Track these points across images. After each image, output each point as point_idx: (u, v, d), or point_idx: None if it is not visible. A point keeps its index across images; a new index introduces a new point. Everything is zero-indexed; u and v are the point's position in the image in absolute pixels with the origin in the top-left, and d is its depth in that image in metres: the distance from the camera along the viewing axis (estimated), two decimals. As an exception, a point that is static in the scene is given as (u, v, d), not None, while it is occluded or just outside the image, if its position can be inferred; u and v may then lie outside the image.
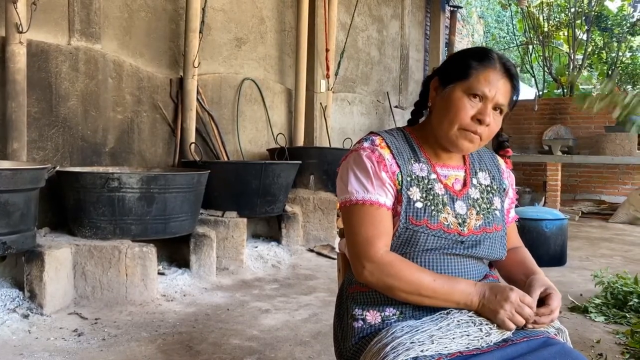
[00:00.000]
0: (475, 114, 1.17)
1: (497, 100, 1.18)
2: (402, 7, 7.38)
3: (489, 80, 1.17)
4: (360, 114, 6.52)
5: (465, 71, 1.18)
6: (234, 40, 4.72)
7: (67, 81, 3.30)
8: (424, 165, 1.25)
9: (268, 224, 4.39)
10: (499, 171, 1.37)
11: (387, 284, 1.14)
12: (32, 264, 2.61)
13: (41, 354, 2.20)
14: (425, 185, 1.22)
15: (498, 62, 1.19)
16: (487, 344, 1.09)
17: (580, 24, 9.36)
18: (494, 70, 1.18)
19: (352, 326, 1.22)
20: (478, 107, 1.17)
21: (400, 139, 1.27)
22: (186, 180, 3.17)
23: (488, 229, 1.26)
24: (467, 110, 1.17)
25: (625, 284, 2.97)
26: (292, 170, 4.07)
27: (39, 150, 3.17)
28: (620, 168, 7.63)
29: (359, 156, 1.21)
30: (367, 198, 1.18)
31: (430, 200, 1.21)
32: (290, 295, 3.16)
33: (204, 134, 4.29)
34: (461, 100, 1.18)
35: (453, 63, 1.24)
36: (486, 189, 1.31)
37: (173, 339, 2.42)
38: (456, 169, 1.30)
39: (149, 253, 2.91)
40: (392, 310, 1.19)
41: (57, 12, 3.31)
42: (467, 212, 1.25)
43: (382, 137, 1.25)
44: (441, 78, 1.24)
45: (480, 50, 1.23)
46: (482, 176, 1.33)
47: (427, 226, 1.19)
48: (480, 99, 1.17)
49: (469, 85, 1.17)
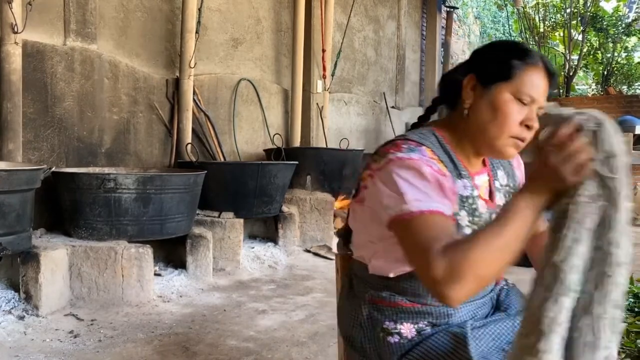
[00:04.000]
0: (524, 119, 1.07)
1: (541, 102, 1.08)
2: (399, 8, 7.39)
3: (535, 82, 1.07)
4: (356, 114, 6.52)
5: (508, 70, 1.07)
6: (230, 40, 4.71)
7: (62, 81, 3.29)
8: (467, 181, 1.12)
9: (265, 224, 4.39)
10: (511, 163, 1.29)
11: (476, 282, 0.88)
12: (28, 265, 2.60)
13: (37, 356, 2.19)
14: (470, 205, 1.11)
15: (540, 60, 1.09)
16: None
17: (575, 24, 9.40)
18: (537, 69, 1.08)
19: (388, 342, 1.12)
20: (526, 112, 1.07)
21: (438, 147, 1.11)
22: (182, 181, 3.16)
23: None
24: (516, 116, 1.07)
25: (621, 284, 2.98)
26: (289, 170, 4.07)
27: (35, 150, 3.16)
28: (615, 168, 7.66)
29: (416, 164, 1.02)
30: (434, 208, 0.97)
31: (476, 222, 1.11)
32: (287, 295, 3.16)
33: (200, 135, 4.29)
34: (510, 105, 1.07)
35: (492, 60, 1.11)
36: (506, 190, 1.23)
37: (169, 340, 2.41)
38: (483, 173, 1.19)
39: (145, 254, 2.90)
40: (426, 322, 1.13)
41: (52, 13, 3.30)
42: None
43: (431, 149, 1.07)
44: (479, 76, 1.11)
45: (519, 47, 1.11)
46: (501, 175, 1.24)
47: None
48: (527, 104, 1.07)
49: (516, 88, 1.06)
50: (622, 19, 9.57)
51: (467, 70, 1.14)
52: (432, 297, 1.00)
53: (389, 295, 1.14)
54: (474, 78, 1.11)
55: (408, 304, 1.13)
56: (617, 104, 7.91)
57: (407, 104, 7.74)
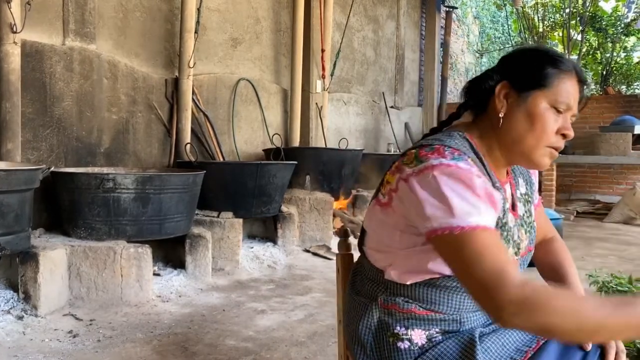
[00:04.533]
0: (560, 128, 1.06)
1: (575, 109, 1.07)
2: (398, 8, 7.39)
3: (570, 90, 1.05)
4: (356, 114, 6.52)
5: (544, 79, 1.05)
6: (230, 40, 4.71)
7: (61, 81, 3.29)
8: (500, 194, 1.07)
9: (264, 224, 4.39)
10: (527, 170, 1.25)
11: (542, 325, 0.85)
12: (27, 265, 2.60)
13: (36, 356, 2.19)
14: (501, 219, 1.06)
15: (573, 68, 1.07)
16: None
17: (574, 24, 9.40)
18: (571, 77, 1.06)
19: (397, 347, 1.10)
20: (561, 121, 1.06)
21: (472, 155, 1.06)
22: (181, 181, 3.16)
23: (531, 246, 1.16)
24: (553, 126, 1.05)
25: (619, 284, 2.99)
26: (288, 170, 4.07)
27: (34, 150, 3.16)
28: (614, 168, 7.66)
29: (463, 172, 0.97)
30: (485, 223, 0.94)
31: (505, 237, 1.06)
32: (286, 295, 3.16)
33: (199, 135, 4.28)
34: (547, 114, 1.04)
35: (526, 67, 1.08)
36: (525, 199, 1.19)
37: (168, 339, 2.41)
38: (507, 183, 1.15)
39: (144, 254, 2.90)
40: (437, 329, 1.11)
41: (51, 12, 3.29)
42: (519, 235, 1.12)
43: (473, 159, 1.02)
44: (513, 84, 1.07)
45: (553, 54, 1.09)
46: (521, 183, 1.20)
47: None
48: (562, 112, 1.06)
49: (553, 97, 1.04)
50: (621, 19, 9.56)
51: (499, 76, 1.10)
52: (487, 314, 0.93)
53: (402, 302, 1.11)
54: (508, 85, 1.08)
55: (422, 312, 1.11)
56: (616, 104, 7.92)
57: (406, 104, 7.74)
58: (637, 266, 3.98)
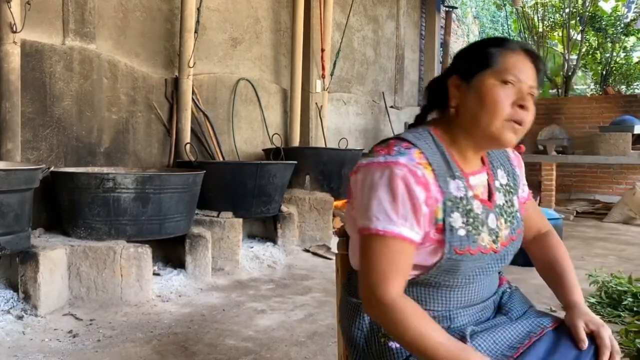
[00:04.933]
0: (515, 100, 1.06)
1: (529, 83, 1.08)
2: (398, 8, 7.39)
3: (517, 64, 1.08)
4: (355, 114, 6.53)
5: (488, 59, 1.08)
6: (229, 40, 4.71)
7: (61, 81, 3.29)
8: (460, 182, 1.10)
9: (264, 224, 4.39)
10: (509, 161, 1.26)
11: (392, 331, 1.03)
12: (27, 265, 2.60)
13: (35, 355, 2.19)
14: (464, 206, 1.09)
15: (518, 46, 1.11)
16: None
17: (574, 24, 9.41)
18: (516, 53, 1.09)
19: (389, 347, 1.12)
20: (513, 93, 1.07)
21: (433, 147, 1.11)
22: (181, 181, 3.16)
23: (514, 236, 1.18)
24: (505, 99, 1.06)
25: (619, 283, 2.99)
26: (288, 170, 4.07)
27: (33, 150, 3.16)
28: (614, 168, 7.66)
29: (392, 175, 1.03)
30: (389, 229, 1.02)
31: (471, 224, 1.09)
32: (286, 295, 3.16)
33: (199, 134, 4.28)
34: (496, 89, 1.06)
35: (471, 55, 1.13)
36: (506, 189, 1.21)
37: (168, 339, 2.41)
38: (480, 173, 1.17)
39: (144, 254, 2.90)
40: None
41: (51, 12, 3.29)
42: (497, 223, 1.14)
43: (421, 151, 1.08)
44: (462, 74, 1.12)
45: (496, 37, 1.14)
46: (501, 174, 1.22)
47: (469, 253, 1.08)
48: (513, 84, 1.07)
49: (499, 72, 1.07)
50: (621, 19, 9.57)
51: (450, 73, 1.15)
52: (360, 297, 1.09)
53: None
54: (457, 78, 1.13)
55: None
56: (615, 104, 7.92)
57: (406, 104, 7.74)
58: (636, 266, 3.98)
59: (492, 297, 1.23)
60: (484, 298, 1.20)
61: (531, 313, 1.22)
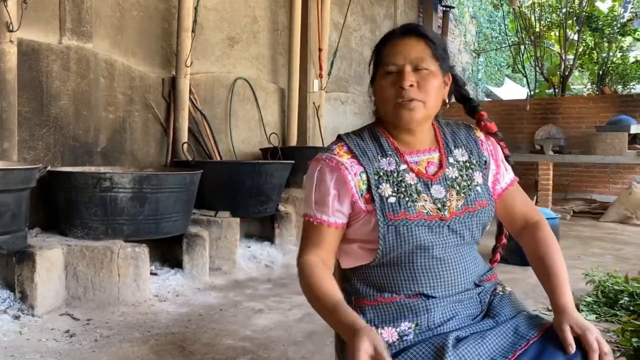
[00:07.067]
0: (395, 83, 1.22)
1: (411, 61, 1.21)
2: (395, 7, 7.40)
3: (392, 51, 1.24)
4: (353, 113, 6.53)
5: (378, 58, 1.27)
6: (227, 39, 4.71)
7: (58, 80, 3.28)
8: (392, 159, 1.25)
9: (261, 223, 4.39)
10: (477, 144, 1.33)
11: (302, 289, 1.24)
12: (23, 265, 2.59)
13: (32, 355, 2.19)
14: (395, 178, 1.23)
15: (397, 30, 1.27)
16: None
17: (571, 24, 9.43)
18: (396, 39, 1.25)
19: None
20: (396, 78, 1.22)
21: (366, 137, 1.29)
22: (179, 180, 3.15)
23: (470, 207, 1.24)
24: (388, 87, 1.23)
25: (616, 283, 3.00)
26: (285, 170, 4.07)
27: (30, 150, 3.15)
28: (610, 167, 7.68)
29: (312, 169, 1.28)
30: (308, 213, 1.27)
31: (402, 192, 1.21)
32: (283, 295, 3.15)
33: (196, 134, 4.28)
34: (382, 81, 1.24)
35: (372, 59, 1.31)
36: (464, 165, 1.29)
37: (166, 339, 2.41)
38: (428, 152, 1.29)
39: (142, 253, 2.89)
40: (407, 324, 1.16)
41: (48, 11, 3.28)
42: (447, 194, 1.23)
43: (344, 142, 1.28)
44: (371, 80, 1.31)
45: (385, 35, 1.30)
46: (459, 153, 1.30)
47: (406, 218, 1.18)
48: (394, 71, 1.23)
49: (382, 66, 1.25)
50: (618, 19, 9.59)
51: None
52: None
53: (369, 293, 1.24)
54: (370, 84, 1.32)
55: (388, 299, 1.20)
56: (612, 104, 7.94)
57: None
58: (632, 265, 3.99)
59: (472, 290, 1.23)
60: (460, 287, 1.21)
61: (519, 318, 1.19)
